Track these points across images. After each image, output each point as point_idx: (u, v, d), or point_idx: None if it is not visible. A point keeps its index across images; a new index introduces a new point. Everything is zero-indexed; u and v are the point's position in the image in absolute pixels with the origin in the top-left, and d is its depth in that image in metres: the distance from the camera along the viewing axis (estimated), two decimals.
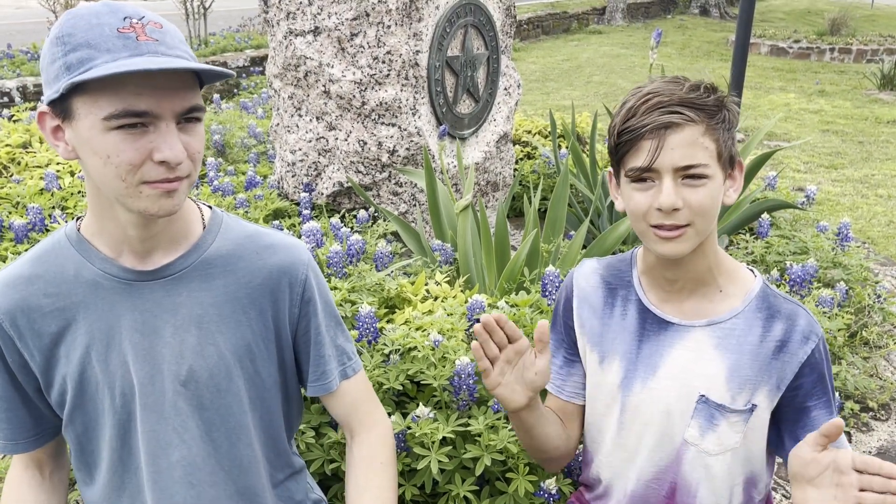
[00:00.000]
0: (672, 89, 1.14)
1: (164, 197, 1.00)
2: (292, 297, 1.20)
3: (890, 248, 4.04)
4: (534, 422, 1.34)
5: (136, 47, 0.94)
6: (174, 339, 1.12)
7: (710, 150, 1.13)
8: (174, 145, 0.97)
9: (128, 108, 0.94)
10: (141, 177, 0.98)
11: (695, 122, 1.12)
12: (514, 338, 1.22)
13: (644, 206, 1.16)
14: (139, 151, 0.96)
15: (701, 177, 1.13)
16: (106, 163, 0.96)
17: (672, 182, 1.13)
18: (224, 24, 11.80)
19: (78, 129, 0.97)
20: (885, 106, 7.90)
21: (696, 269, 1.23)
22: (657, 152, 1.12)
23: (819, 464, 1.02)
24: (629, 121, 1.15)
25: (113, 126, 0.94)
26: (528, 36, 13.15)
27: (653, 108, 1.13)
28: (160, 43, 0.96)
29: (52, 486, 1.26)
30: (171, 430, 1.13)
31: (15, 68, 7.29)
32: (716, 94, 1.16)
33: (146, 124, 0.96)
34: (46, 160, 3.77)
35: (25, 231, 2.86)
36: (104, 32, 0.94)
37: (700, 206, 1.13)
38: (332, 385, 1.26)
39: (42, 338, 1.11)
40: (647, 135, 1.13)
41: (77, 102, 0.95)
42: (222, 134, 4.34)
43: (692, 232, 1.15)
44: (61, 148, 1.01)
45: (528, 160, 4.40)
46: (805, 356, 1.19)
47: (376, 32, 2.96)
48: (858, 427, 2.46)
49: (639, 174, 1.16)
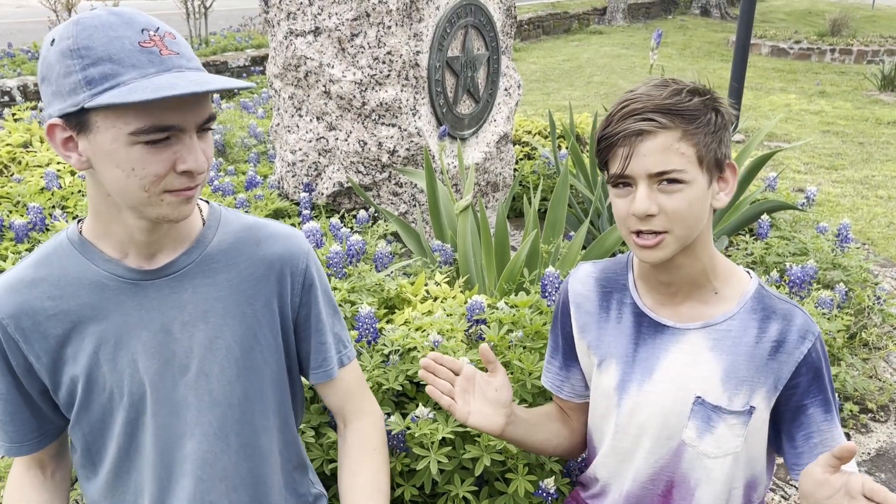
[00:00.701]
0: (651, 95, 1.14)
1: (184, 203, 1.04)
2: (294, 285, 1.22)
3: (890, 250, 4.04)
4: (522, 434, 1.41)
5: (161, 62, 0.95)
6: (182, 335, 1.13)
7: (686, 156, 1.12)
8: (199, 156, 1.00)
9: (157, 124, 0.95)
10: (164, 186, 1.00)
11: (668, 129, 1.11)
12: (457, 369, 1.34)
13: (624, 212, 1.17)
14: (164, 163, 0.98)
15: (677, 182, 1.12)
16: (129, 175, 0.98)
17: (647, 188, 1.13)
18: (225, 23, 11.81)
19: (97, 142, 0.97)
20: (886, 107, 7.90)
21: (689, 273, 1.23)
22: (628, 160, 1.13)
23: (831, 486, 1.01)
24: (607, 128, 1.16)
25: (139, 140, 0.95)
26: (529, 36, 13.15)
27: (627, 115, 1.13)
28: (181, 56, 0.98)
29: (55, 486, 1.27)
30: (183, 425, 1.15)
31: (16, 67, 7.30)
32: (701, 97, 1.14)
33: (170, 137, 0.97)
34: (47, 159, 3.78)
35: (26, 230, 2.86)
36: (125, 46, 0.94)
37: (676, 213, 1.13)
38: (332, 372, 1.29)
39: (48, 340, 1.11)
40: (620, 142, 1.13)
41: (97, 117, 0.95)
42: (223, 134, 4.34)
43: (670, 239, 1.15)
44: (73, 159, 1.01)
45: (528, 161, 4.41)
46: (802, 355, 1.19)
47: (377, 33, 2.97)
48: (857, 428, 2.46)
49: (615, 180, 1.17)
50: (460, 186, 3.23)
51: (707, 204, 1.17)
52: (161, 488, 1.17)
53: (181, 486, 1.17)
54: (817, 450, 1.20)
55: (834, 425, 1.21)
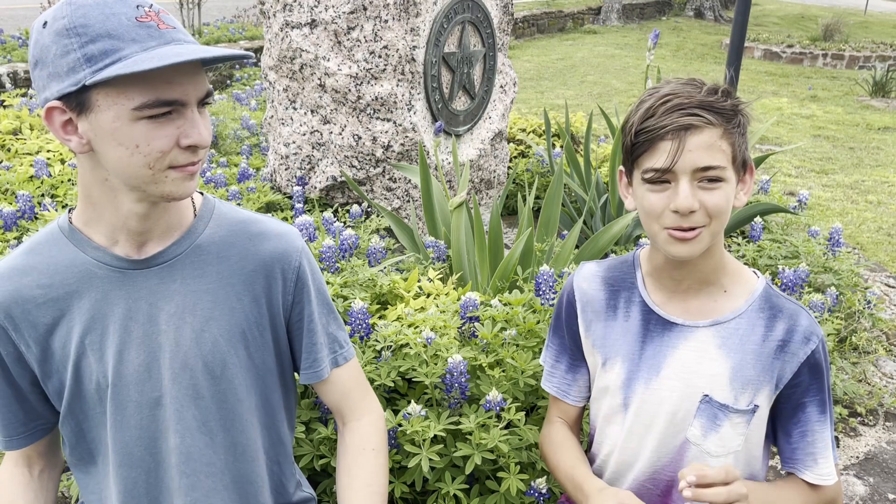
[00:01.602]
0: (690, 91, 1.14)
1: (188, 179, 1.03)
2: (285, 284, 1.20)
3: (879, 254, 4.07)
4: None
5: (160, 36, 0.96)
6: (169, 326, 1.12)
7: (726, 154, 1.13)
8: (202, 130, 1.00)
9: (160, 98, 0.95)
10: (169, 162, 1.00)
11: (713, 125, 1.12)
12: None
13: (659, 208, 1.15)
14: (168, 138, 0.98)
15: (717, 179, 1.13)
16: (134, 152, 0.97)
17: (689, 184, 1.13)
18: (218, 14, 11.73)
19: (98, 122, 0.96)
20: (877, 112, 7.95)
21: (703, 270, 1.24)
22: (678, 154, 1.12)
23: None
24: (647, 121, 1.14)
25: (142, 116, 0.95)
26: (524, 34, 13.14)
27: (672, 109, 1.12)
28: (177, 30, 0.99)
29: (40, 486, 1.24)
30: (167, 418, 1.13)
31: (6, 54, 7.21)
32: (731, 99, 1.16)
33: (172, 111, 0.97)
34: (37, 147, 3.73)
35: (14, 219, 2.82)
36: (123, 22, 0.93)
37: (716, 208, 1.14)
38: (323, 373, 1.26)
39: (37, 328, 1.10)
40: (667, 136, 1.12)
41: (98, 95, 0.94)
42: (215, 125, 4.31)
43: (706, 233, 1.16)
44: (74, 142, 0.99)
45: (522, 159, 4.40)
46: (805, 356, 1.20)
47: (373, 26, 2.95)
48: (847, 432, 2.47)
49: (658, 176, 1.15)
50: (454, 183, 3.23)
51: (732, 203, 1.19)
52: (150, 482, 1.16)
53: (169, 478, 1.16)
54: (810, 448, 1.23)
55: (825, 427, 1.23)
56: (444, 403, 1.77)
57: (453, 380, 1.70)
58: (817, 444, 1.22)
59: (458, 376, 1.70)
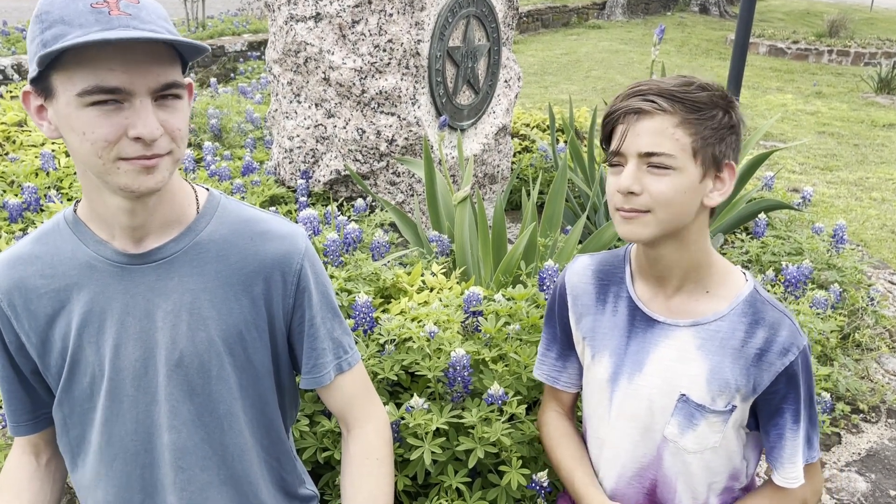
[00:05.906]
0: (662, 81, 1.16)
1: (143, 173, 0.98)
2: (286, 287, 1.17)
3: (883, 251, 4.06)
4: None
5: (107, 21, 0.93)
6: (165, 323, 1.11)
7: (681, 143, 1.13)
8: (148, 122, 0.95)
9: (100, 84, 0.93)
10: (117, 153, 0.96)
11: (667, 113, 1.13)
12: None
13: (612, 189, 1.19)
14: (114, 128, 0.95)
15: (664, 167, 1.14)
16: (82, 139, 0.96)
17: (635, 167, 1.15)
18: (223, 6, 11.73)
19: (57, 107, 0.97)
20: (882, 109, 7.92)
21: (679, 266, 1.24)
22: (624, 136, 1.15)
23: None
24: (612, 106, 1.19)
25: (87, 102, 0.94)
26: (528, 29, 13.11)
27: (631, 95, 1.16)
28: (133, 17, 0.94)
29: (47, 475, 1.25)
30: (162, 413, 1.13)
31: (10, 46, 7.22)
32: (710, 93, 1.15)
33: (121, 101, 0.95)
34: (42, 139, 3.74)
35: (20, 210, 2.83)
36: (78, 8, 0.93)
37: (660, 195, 1.14)
38: (325, 378, 1.23)
39: (37, 319, 1.10)
40: (620, 119, 1.16)
41: (55, 80, 0.95)
42: (219, 118, 4.31)
43: (651, 219, 1.16)
44: (45, 127, 1.00)
45: (526, 154, 4.40)
46: (783, 367, 1.20)
47: (378, 20, 2.95)
48: (849, 429, 2.48)
49: (610, 158, 1.19)
50: (458, 177, 3.23)
51: (697, 197, 1.17)
52: (144, 476, 1.15)
53: (164, 473, 1.15)
54: (780, 452, 1.24)
55: (797, 435, 1.23)
56: (447, 397, 1.77)
57: (456, 374, 1.71)
58: (786, 449, 1.24)
59: (461, 370, 1.70)
